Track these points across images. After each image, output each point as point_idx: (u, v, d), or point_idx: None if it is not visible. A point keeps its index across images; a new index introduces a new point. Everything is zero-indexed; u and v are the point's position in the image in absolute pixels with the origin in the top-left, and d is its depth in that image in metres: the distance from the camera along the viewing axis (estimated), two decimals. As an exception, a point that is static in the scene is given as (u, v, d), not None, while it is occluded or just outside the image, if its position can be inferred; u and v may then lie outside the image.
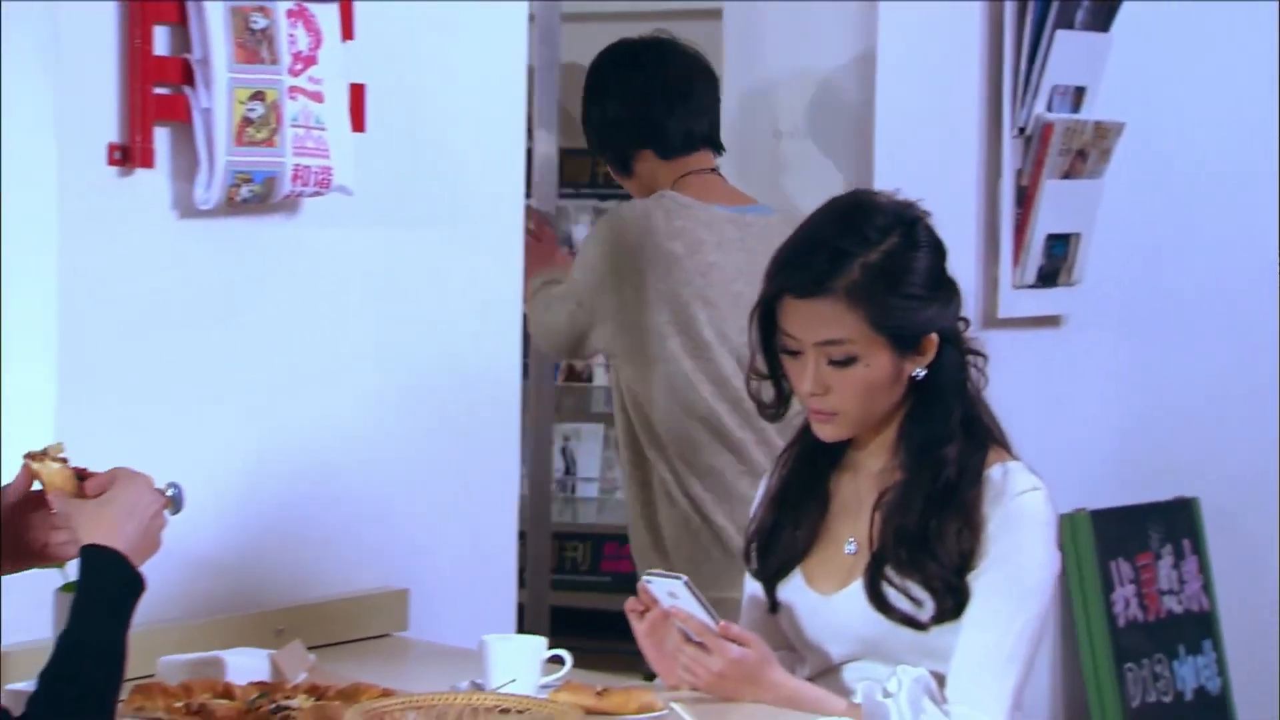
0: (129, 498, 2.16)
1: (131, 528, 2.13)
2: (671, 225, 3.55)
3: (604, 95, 3.73)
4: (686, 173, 3.67)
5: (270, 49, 2.88)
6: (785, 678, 2.63)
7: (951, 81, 4.10)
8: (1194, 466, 4.59)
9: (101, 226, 2.82)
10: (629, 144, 3.67)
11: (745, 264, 3.52)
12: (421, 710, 2.33)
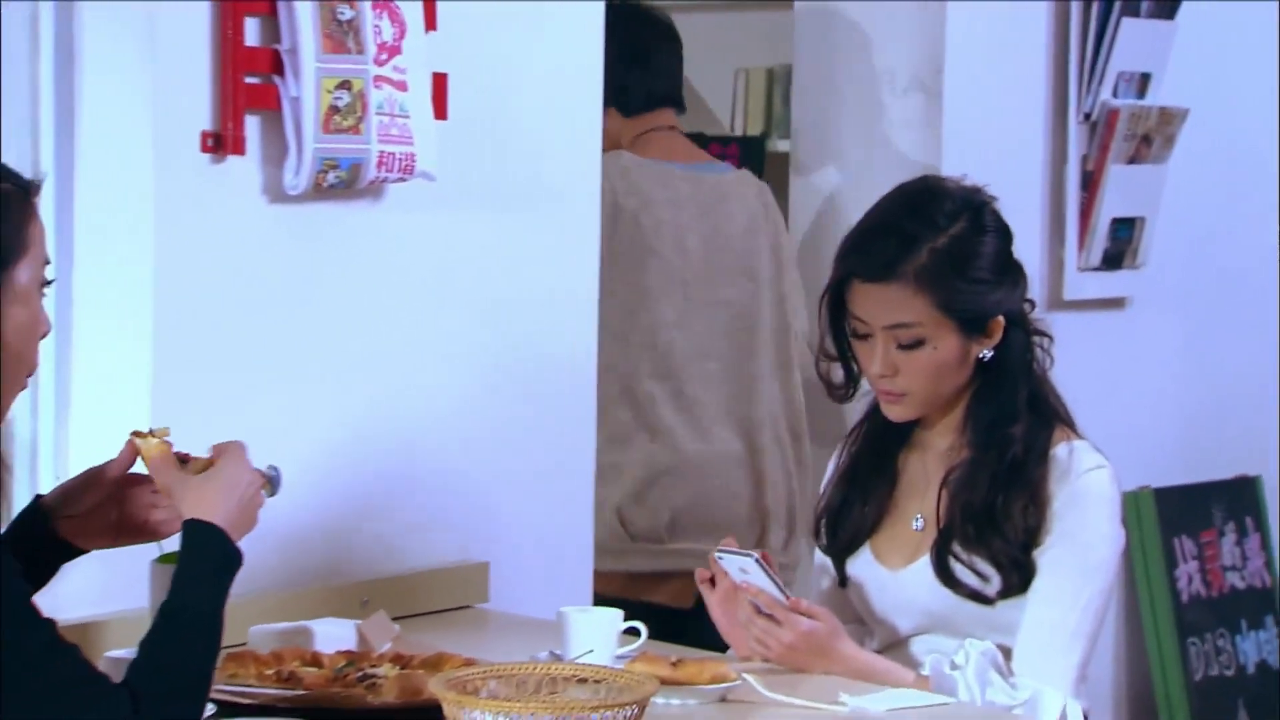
0: (231, 475, 2.18)
1: (232, 504, 2.14)
2: (626, 182, 3.59)
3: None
4: (646, 130, 3.73)
5: (356, 39, 2.89)
6: (854, 650, 2.64)
7: (1019, 69, 4.07)
8: (1256, 445, 4.56)
9: (195, 211, 2.83)
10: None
11: (698, 219, 3.60)
12: (502, 679, 2.34)
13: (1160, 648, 4.29)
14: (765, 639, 2.62)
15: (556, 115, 3.28)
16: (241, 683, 2.41)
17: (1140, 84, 4.21)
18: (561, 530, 3.30)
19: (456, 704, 2.23)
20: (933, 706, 2.51)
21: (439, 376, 3.12)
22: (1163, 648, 4.29)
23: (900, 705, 2.49)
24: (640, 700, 2.26)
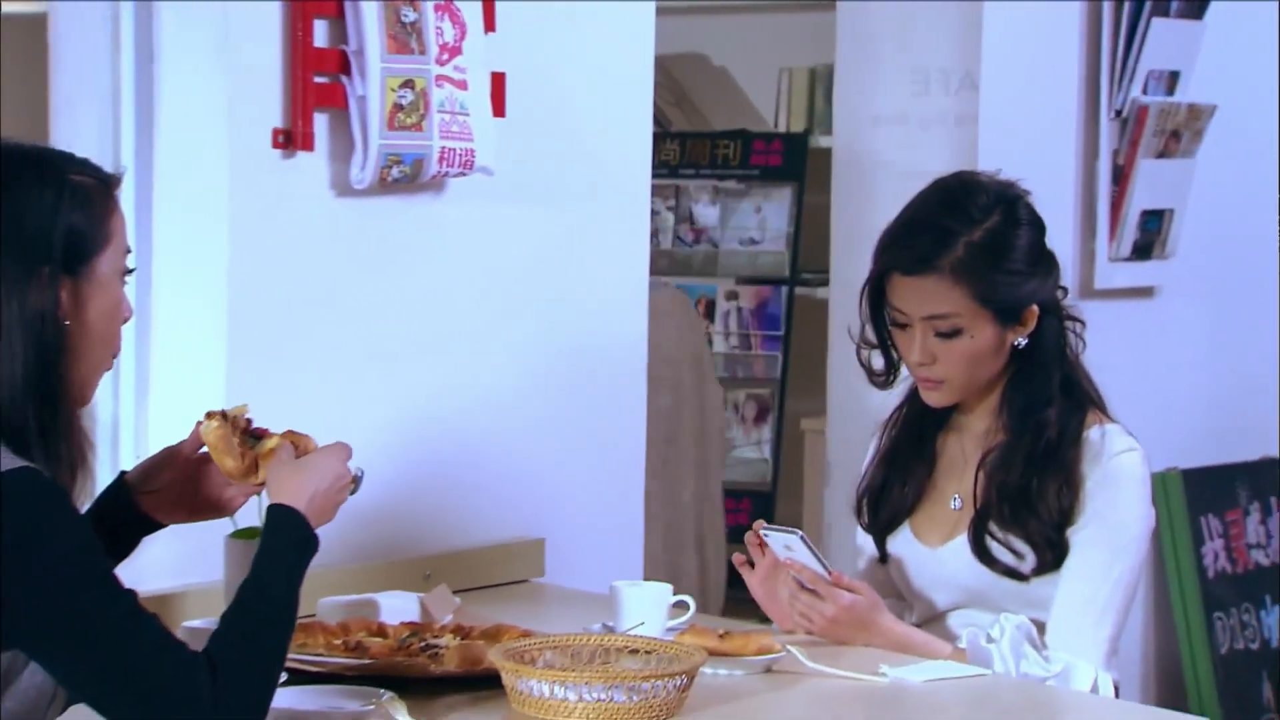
0: (322, 467, 2.18)
1: (317, 495, 2.15)
2: None
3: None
4: None
5: (419, 40, 2.90)
6: (894, 623, 2.64)
7: (1052, 67, 4.06)
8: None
9: (266, 204, 2.85)
10: None
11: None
12: (557, 650, 2.35)
13: (1188, 622, 4.28)
14: (808, 613, 2.62)
15: (609, 113, 3.28)
16: (311, 652, 2.42)
17: (1169, 81, 4.19)
18: (613, 508, 3.31)
19: (514, 673, 2.24)
20: (969, 678, 2.50)
21: (497, 363, 3.14)
22: (1190, 622, 4.28)
23: (938, 676, 2.49)
24: (689, 670, 2.27)
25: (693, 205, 5.50)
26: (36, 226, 2.02)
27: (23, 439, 1.99)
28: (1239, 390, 4.51)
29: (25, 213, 2.02)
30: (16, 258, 2.01)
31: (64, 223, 2.04)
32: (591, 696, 2.20)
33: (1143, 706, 3.17)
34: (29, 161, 2.07)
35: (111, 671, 1.93)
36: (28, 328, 2.00)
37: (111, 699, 1.94)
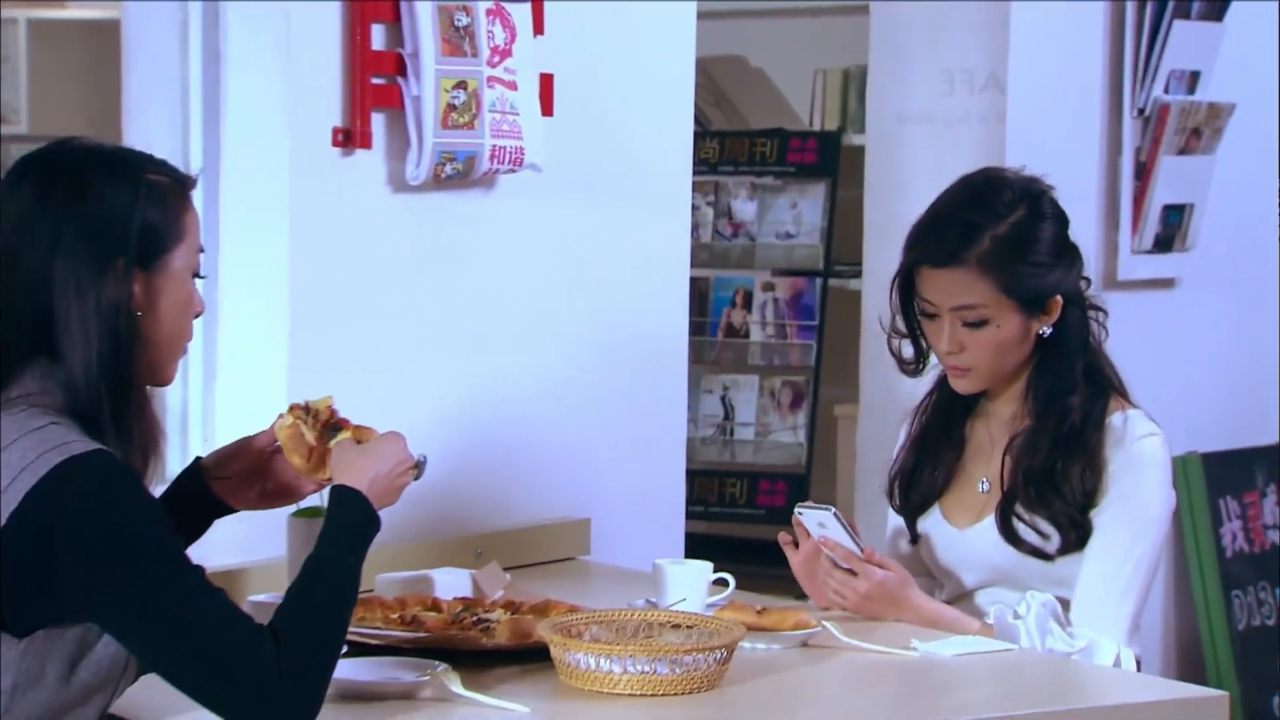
0: (385, 451, 2.18)
1: (379, 477, 2.15)
2: None
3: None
4: None
5: (471, 43, 2.90)
6: (924, 599, 2.63)
7: (1077, 66, 4.04)
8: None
9: (326, 200, 2.86)
10: None
11: None
12: (603, 624, 2.35)
13: (1206, 600, 4.26)
14: (842, 589, 2.62)
15: (651, 111, 3.28)
16: (369, 625, 2.42)
17: (1190, 81, 4.17)
18: (656, 489, 3.32)
19: (562, 646, 2.25)
20: (996, 652, 2.50)
21: (545, 350, 3.14)
22: (1209, 600, 4.26)
23: (967, 651, 2.48)
24: (729, 644, 2.27)
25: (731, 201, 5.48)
26: (113, 220, 2.03)
27: (96, 423, 2.00)
28: (1256, 377, 4.48)
29: (103, 207, 2.03)
30: (93, 250, 2.02)
31: (140, 217, 2.05)
32: (636, 669, 2.21)
33: (1163, 680, 3.16)
34: (108, 160, 2.09)
35: (180, 643, 1.94)
36: (102, 318, 2.01)
37: (181, 670, 1.95)
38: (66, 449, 1.94)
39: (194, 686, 1.96)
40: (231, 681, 1.94)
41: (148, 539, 1.95)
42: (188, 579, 1.96)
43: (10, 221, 2.03)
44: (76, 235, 2.01)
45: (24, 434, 1.95)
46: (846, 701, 2.36)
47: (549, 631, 2.28)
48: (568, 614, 2.41)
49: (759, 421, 5.66)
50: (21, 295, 2.01)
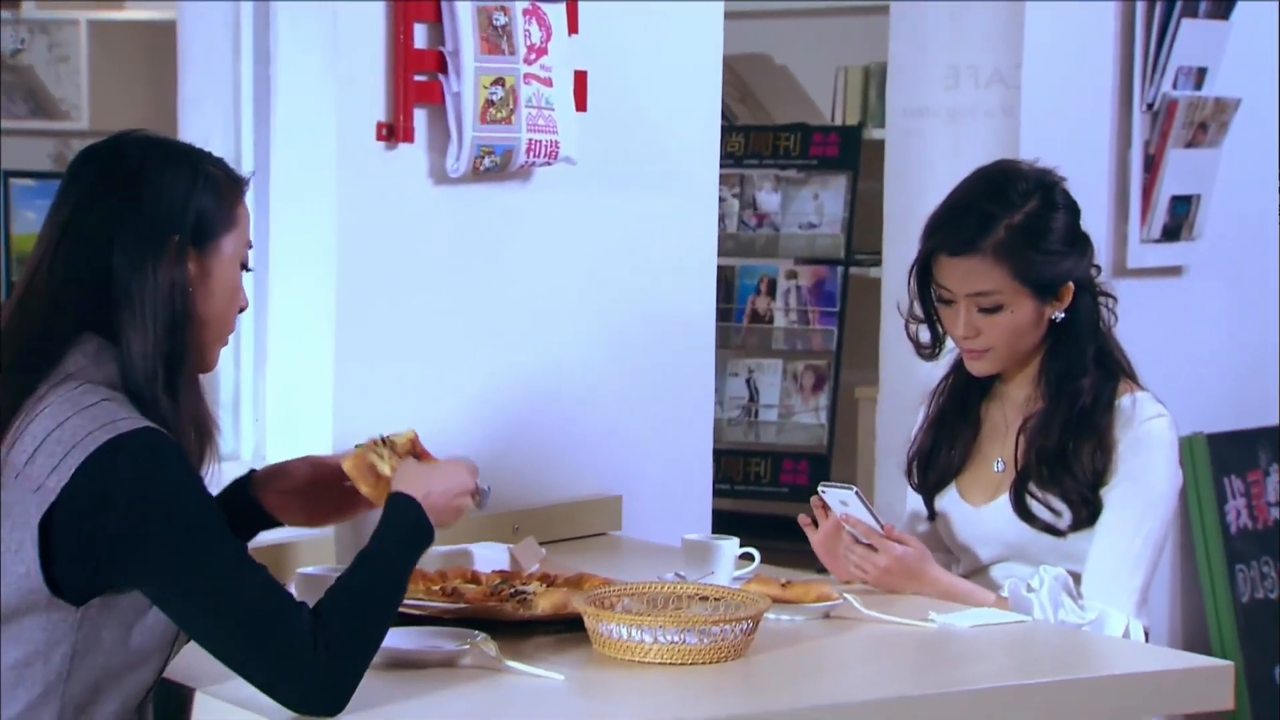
0: (448, 473, 2.17)
1: (433, 493, 2.13)
2: None
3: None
4: None
5: (509, 42, 2.90)
6: (941, 573, 2.63)
7: (1089, 63, 4.02)
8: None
9: (371, 191, 2.86)
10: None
11: None
12: (634, 596, 2.35)
13: (1211, 574, 4.24)
14: (863, 564, 2.61)
15: (680, 106, 3.27)
16: (412, 597, 2.41)
17: (1197, 77, 4.15)
18: (684, 468, 3.31)
19: (596, 617, 2.25)
20: (1011, 624, 2.49)
21: (579, 335, 3.14)
22: (1214, 574, 4.24)
23: (982, 622, 2.48)
24: (754, 616, 2.27)
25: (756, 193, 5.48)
26: (171, 200, 2.04)
27: (150, 398, 2.00)
28: (1260, 361, 4.46)
29: (162, 189, 2.04)
30: (152, 229, 2.02)
31: (196, 200, 2.05)
32: (666, 639, 2.21)
33: (1170, 650, 3.14)
34: (168, 148, 2.10)
35: (218, 613, 1.94)
36: (160, 293, 2.01)
37: (218, 639, 1.95)
38: (114, 427, 1.94)
39: (230, 656, 1.95)
40: (266, 652, 1.93)
41: (190, 512, 1.95)
42: (228, 552, 1.96)
43: (71, 206, 2.04)
44: (137, 215, 2.02)
45: (76, 412, 1.95)
46: (867, 670, 2.36)
47: (583, 603, 2.28)
48: (601, 586, 2.41)
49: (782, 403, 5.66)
50: (76, 275, 2.01)
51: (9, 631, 1.94)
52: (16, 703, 1.95)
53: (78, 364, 2.00)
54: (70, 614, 1.95)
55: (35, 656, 1.95)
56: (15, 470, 1.94)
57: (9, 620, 1.94)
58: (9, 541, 1.93)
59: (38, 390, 1.98)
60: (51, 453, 1.93)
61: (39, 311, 2.01)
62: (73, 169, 2.08)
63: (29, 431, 1.95)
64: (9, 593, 1.94)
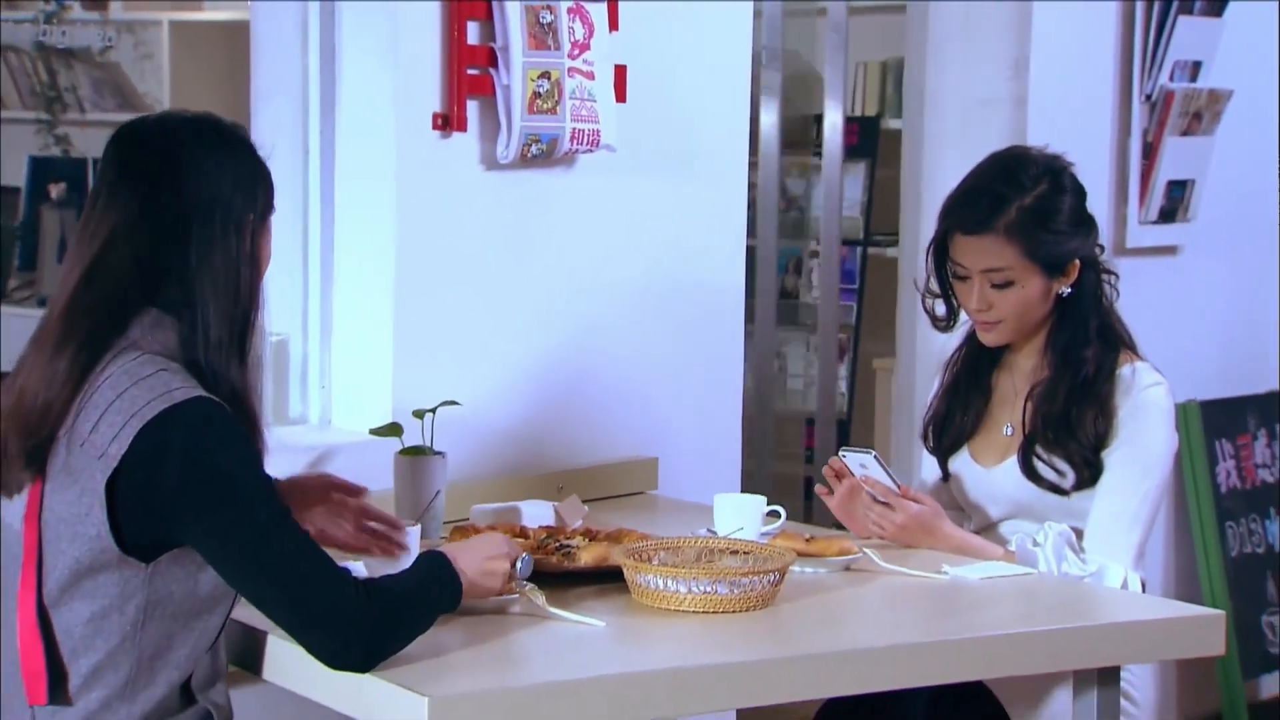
0: (485, 544, 2.13)
1: (475, 563, 2.08)
2: None
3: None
4: None
5: (554, 38, 2.88)
6: (954, 529, 2.61)
7: (1092, 57, 3.99)
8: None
9: (427, 176, 2.85)
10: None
11: None
12: (669, 550, 2.34)
13: (1203, 530, 4.22)
14: (881, 521, 2.60)
15: (713, 98, 3.25)
16: (466, 549, 2.42)
17: (1193, 70, 4.11)
18: (716, 432, 3.30)
19: (634, 569, 2.24)
20: (1018, 576, 2.47)
21: (618, 309, 3.12)
22: (1205, 530, 4.21)
23: (992, 575, 2.46)
24: (780, 568, 2.26)
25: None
26: (243, 184, 2.01)
27: (215, 367, 1.96)
28: (1249, 333, 4.43)
29: (237, 173, 2.01)
30: (229, 210, 1.99)
31: (259, 181, 2.03)
32: (699, 589, 2.20)
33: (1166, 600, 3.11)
34: (225, 133, 2.04)
35: (269, 572, 1.92)
36: (237, 268, 1.99)
37: (268, 596, 1.93)
38: (170, 396, 1.92)
39: (275, 609, 1.94)
40: (308, 608, 1.92)
41: (241, 475, 1.93)
42: (275, 513, 1.94)
43: (137, 189, 1.98)
44: (214, 198, 1.98)
45: (134, 383, 1.93)
46: (885, 618, 2.35)
47: (622, 556, 2.27)
48: (639, 541, 2.40)
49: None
50: (151, 252, 1.97)
51: (85, 588, 1.94)
52: (96, 653, 1.95)
53: (138, 333, 1.98)
54: (140, 569, 1.95)
55: (111, 609, 1.94)
56: (81, 439, 1.94)
57: (85, 577, 1.94)
58: (79, 505, 1.93)
59: (104, 359, 1.96)
60: (113, 422, 1.92)
61: (110, 287, 1.97)
62: (125, 150, 2.01)
63: (92, 402, 1.94)
64: (82, 553, 1.93)
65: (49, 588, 1.95)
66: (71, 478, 1.94)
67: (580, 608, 2.19)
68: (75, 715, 1.95)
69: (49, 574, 1.95)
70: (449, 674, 1.96)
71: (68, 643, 1.95)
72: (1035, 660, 2.25)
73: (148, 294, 1.98)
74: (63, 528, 1.94)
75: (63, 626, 1.95)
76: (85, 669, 1.95)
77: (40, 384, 1.95)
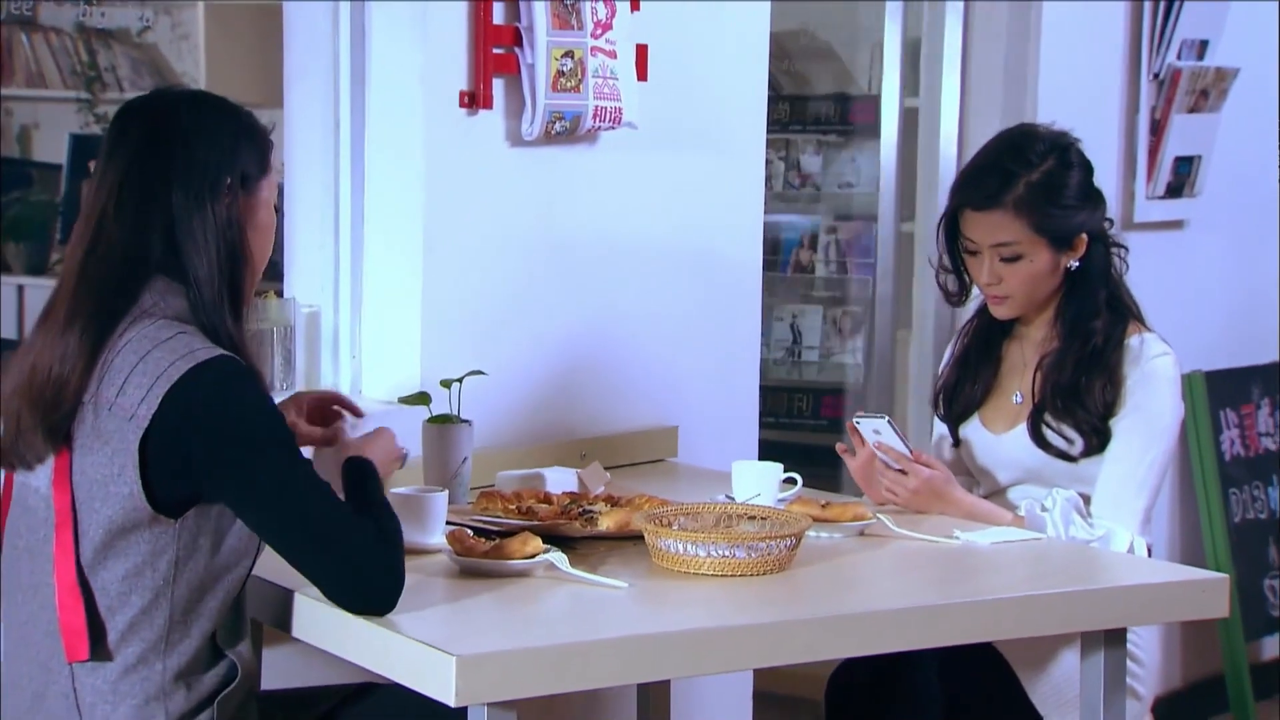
0: (385, 442, 2.23)
1: (381, 459, 2.19)
2: None
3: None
4: None
5: (578, 18, 2.87)
6: (965, 495, 2.60)
7: (1101, 36, 3.96)
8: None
9: (454, 153, 2.84)
10: None
11: None
12: (690, 515, 2.34)
13: (1207, 496, 4.20)
14: (894, 487, 2.59)
15: (731, 76, 3.24)
16: (491, 515, 2.43)
17: (1199, 49, 4.08)
18: (734, 401, 3.29)
19: (655, 534, 2.24)
20: (1026, 540, 2.47)
21: (640, 282, 3.12)
22: (1209, 496, 4.20)
23: (1001, 539, 2.45)
24: (797, 533, 2.25)
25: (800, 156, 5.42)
26: (221, 147, 2.03)
27: (216, 329, 1.99)
28: (1253, 305, 4.40)
29: (212, 137, 2.03)
30: (206, 172, 2.01)
31: (243, 144, 2.05)
32: (717, 553, 2.20)
33: (1172, 564, 3.11)
34: (211, 101, 2.09)
35: (293, 521, 1.95)
36: (219, 228, 2.00)
37: (291, 542, 1.95)
38: (193, 356, 1.94)
39: (301, 559, 1.96)
40: (335, 556, 1.94)
41: (266, 428, 1.96)
42: (300, 466, 1.97)
43: (126, 158, 2.01)
44: (191, 161, 2.00)
45: (155, 345, 1.95)
46: (898, 582, 2.34)
47: (643, 521, 2.27)
48: (659, 507, 2.40)
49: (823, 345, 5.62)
50: (144, 220, 2.00)
51: (119, 546, 1.96)
52: (131, 608, 1.97)
53: (150, 301, 2.00)
54: (170, 526, 1.96)
55: (144, 566, 1.96)
56: (108, 403, 1.95)
57: (119, 536, 1.96)
58: (111, 466, 1.95)
59: (118, 328, 1.98)
60: (139, 384, 1.93)
61: (115, 257, 1.99)
62: (119, 125, 2.05)
63: (114, 367, 1.95)
64: (115, 512, 1.95)
65: (84, 549, 1.97)
66: (101, 440, 1.95)
67: (602, 571, 2.19)
68: (115, 669, 1.97)
69: (84, 535, 1.96)
70: (476, 634, 1.96)
71: (104, 600, 1.97)
72: (1044, 622, 2.25)
73: (148, 261, 2.00)
74: (95, 489, 1.95)
75: (99, 584, 1.96)
76: (122, 624, 1.96)
77: (53, 359, 1.97)
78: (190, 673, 1.98)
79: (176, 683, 1.97)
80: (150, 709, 1.96)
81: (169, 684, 1.96)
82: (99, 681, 1.96)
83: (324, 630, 2.04)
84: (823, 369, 5.46)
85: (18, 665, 2.03)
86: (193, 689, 1.98)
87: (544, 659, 1.91)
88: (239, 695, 2.02)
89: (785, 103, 5.29)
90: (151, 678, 1.96)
